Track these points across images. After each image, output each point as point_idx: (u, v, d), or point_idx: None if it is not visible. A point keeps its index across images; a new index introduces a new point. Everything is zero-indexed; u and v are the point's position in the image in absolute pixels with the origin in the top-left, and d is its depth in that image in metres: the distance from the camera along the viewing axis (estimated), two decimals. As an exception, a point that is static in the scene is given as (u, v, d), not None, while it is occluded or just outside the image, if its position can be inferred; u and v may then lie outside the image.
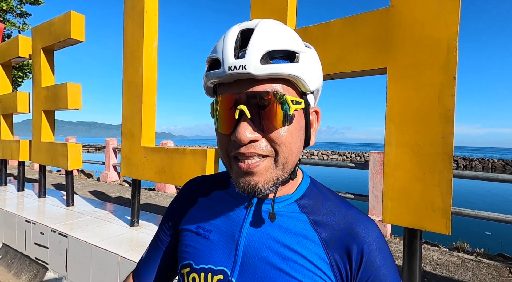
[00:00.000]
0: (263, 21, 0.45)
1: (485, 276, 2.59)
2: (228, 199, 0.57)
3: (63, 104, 3.32)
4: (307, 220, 0.50)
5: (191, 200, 0.62)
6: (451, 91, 1.31)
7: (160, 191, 6.49)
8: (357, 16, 1.58)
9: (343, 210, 0.51)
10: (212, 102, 0.48)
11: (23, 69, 11.43)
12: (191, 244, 0.55)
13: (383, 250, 0.48)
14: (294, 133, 0.46)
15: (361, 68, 1.56)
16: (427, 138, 1.36)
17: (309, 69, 0.46)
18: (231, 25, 0.48)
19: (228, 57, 0.43)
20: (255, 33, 0.43)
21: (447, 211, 1.31)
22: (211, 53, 0.47)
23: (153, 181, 2.62)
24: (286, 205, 0.52)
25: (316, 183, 0.58)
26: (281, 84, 0.44)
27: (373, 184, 3.87)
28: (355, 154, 38.26)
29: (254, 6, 1.99)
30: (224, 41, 0.45)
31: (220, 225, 0.54)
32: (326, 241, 0.48)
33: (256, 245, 0.49)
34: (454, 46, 1.31)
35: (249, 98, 0.43)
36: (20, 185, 4.20)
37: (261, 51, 0.42)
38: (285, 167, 0.46)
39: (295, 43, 0.45)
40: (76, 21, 3.21)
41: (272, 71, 0.42)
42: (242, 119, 0.43)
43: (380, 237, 0.49)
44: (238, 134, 0.43)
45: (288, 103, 0.44)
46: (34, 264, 2.74)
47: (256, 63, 0.41)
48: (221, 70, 0.43)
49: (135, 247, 2.19)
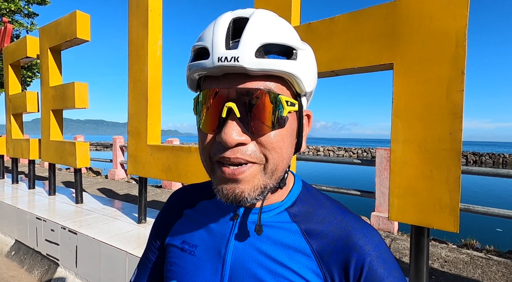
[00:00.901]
0: (258, 11, 0.40)
1: (495, 273, 2.55)
2: (214, 210, 0.53)
3: (70, 103, 3.36)
4: (298, 231, 0.46)
5: (177, 212, 0.57)
6: (459, 86, 1.28)
7: (166, 188, 6.56)
8: (362, 11, 1.55)
9: (338, 217, 0.47)
10: (196, 97, 0.43)
11: (32, 69, 11.62)
12: (176, 261, 0.51)
13: (386, 260, 0.43)
14: (286, 137, 0.42)
15: (366, 64, 1.53)
16: (434, 135, 1.34)
17: (307, 68, 0.42)
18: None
19: (218, 46, 0.38)
20: (250, 22, 0.38)
21: (455, 208, 1.28)
22: (197, 41, 0.42)
23: (159, 179, 2.65)
24: (275, 214, 0.47)
25: (309, 187, 0.53)
26: (275, 82, 0.40)
27: (379, 181, 3.83)
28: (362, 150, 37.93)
29: (258, 2, 1.97)
30: (215, 28, 0.39)
31: (206, 239, 0.50)
32: (320, 253, 0.43)
33: (244, 261, 0.45)
34: (463, 40, 1.27)
35: (239, 95, 0.38)
36: (31, 183, 4.30)
37: (257, 43, 0.37)
38: (274, 175, 0.42)
39: (293, 38, 0.40)
40: (81, 21, 3.24)
41: (268, 67, 0.37)
42: (229, 118, 0.38)
43: (381, 245, 0.44)
44: (225, 135, 0.38)
45: (283, 104, 0.39)
46: (45, 260, 2.81)
47: (250, 56, 0.36)
48: (209, 61, 0.38)
49: (143, 244, 2.23)
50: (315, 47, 1.70)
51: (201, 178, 2.27)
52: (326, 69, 1.66)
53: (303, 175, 0.60)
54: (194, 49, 0.42)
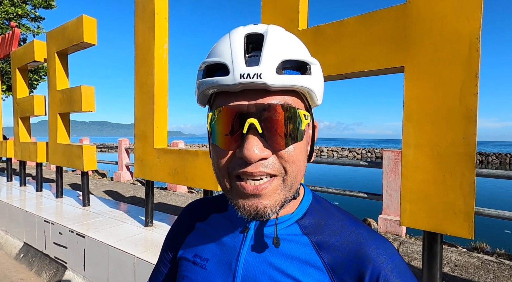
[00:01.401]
0: (272, 27, 0.41)
1: (507, 278, 2.50)
2: (224, 223, 0.53)
3: (77, 107, 3.39)
4: (309, 243, 0.45)
5: (189, 226, 0.58)
6: (473, 90, 1.26)
7: (172, 191, 6.58)
8: (372, 13, 1.54)
9: (350, 228, 0.46)
10: (212, 113, 0.42)
11: (38, 72, 11.76)
12: (188, 275, 0.51)
13: (402, 272, 0.41)
14: (303, 149, 0.43)
15: (376, 67, 1.51)
16: (447, 139, 1.31)
17: (319, 81, 0.43)
18: (240, 22, 0.42)
19: (238, 63, 0.38)
20: (268, 39, 0.39)
21: (470, 214, 1.26)
22: (211, 57, 0.41)
23: (166, 182, 2.65)
24: (285, 227, 0.47)
25: (319, 199, 0.52)
26: (292, 96, 0.41)
27: (386, 183, 3.79)
28: (366, 150, 37.67)
29: (265, 4, 1.96)
30: (232, 44, 0.39)
31: (217, 252, 0.50)
32: (332, 266, 0.43)
33: (255, 275, 0.45)
34: (477, 42, 1.25)
35: (260, 110, 0.38)
36: (38, 186, 4.34)
37: (278, 60, 0.38)
38: (292, 187, 0.42)
39: (306, 54, 0.43)
40: (88, 25, 3.27)
41: (288, 83, 0.38)
42: (250, 133, 0.38)
43: (395, 256, 0.43)
44: (248, 151, 0.37)
45: (301, 118, 0.40)
46: (53, 263, 2.82)
47: (272, 73, 0.37)
48: (229, 78, 0.38)
49: (150, 248, 2.23)
50: (323, 49, 1.69)
51: (208, 182, 2.27)
52: (335, 72, 1.65)
53: (308, 177, 0.59)
54: (207, 65, 0.41)
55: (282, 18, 1.88)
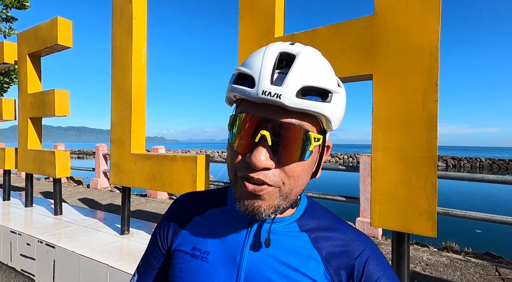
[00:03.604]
0: (305, 50, 0.44)
1: (472, 275, 2.64)
2: (226, 218, 0.55)
3: (50, 111, 3.25)
4: (308, 239, 0.51)
5: (185, 218, 0.59)
6: (434, 97, 1.35)
7: (152, 197, 6.41)
8: (343, 23, 1.61)
9: (340, 227, 0.53)
10: (233, 116, 0.47)
11: (9, 75, 11.17)
12: (185, 267, 0.53)
13: (382, 261, 0.50)
14: (306, 168, 0.46)
15: (347, 74, 1.58)
16: (412, 143, 1.39)
17: (338, 110, 0.46)
18: (220, 29, 0.44)
19: (264, 80, 0.41)
20: (296, 63, 0.42)
21: (433, 214, 1.33)
22: (244, 66, 0.46)
23: (143, 188, 2.59)
24: (287, 224, 0.53)
25: (313, 202, 0.59)
26: (307, 119, 0.44)
27: (363, 187, 3.91)
28: (348, 156, 38.63)
29: (242, 12, 2.00)
30: (263, 60, 0.43)
31: (219, 246, 0.52)
32: (327, 258, 0.49)
33: (259, 267, 0.49)
34: (436, 53, 1.34)
35: (274, 126, 0.42)
36: (6, 194, 4.08)
37: (299, 85, 0.41)
38: (287, 198, 0.46)
39: (330, 82, 0.45)
40: (63, 27, 3.17)
41: (305, 107, 0.42)
42: (261, 143, 0.43)
43: (376, 249, 0.52)
44: (255, 159, 0.42)
45: (310, 140, 0.43)
46: (20, 276, 2.65)
47: (291, 96, 0.41)
48: (254, 91, 0.42)
49: (125, 256, 2.16)
50: (298, 57, 1.75)
51: (186, 187, 2.24)
52: (309, 79, 1.70)
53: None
54: (240, 73, 0.46)
55: (259, 25, 1.93)
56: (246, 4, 1.98)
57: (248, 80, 0.44)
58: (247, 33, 1.97)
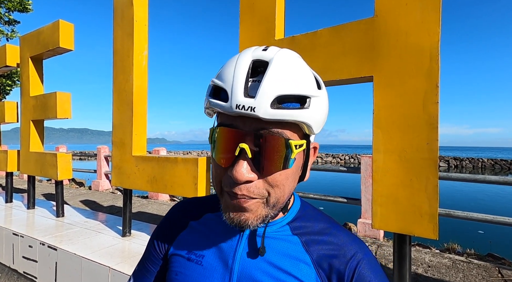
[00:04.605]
0: (279, 56, 0.43)
1: (475, 277, 2.62)
2: (219, 222, 0.56)
3: (52, 114, 3.27)
4: (299, 242, 0.51)
5: (181, 223, 0.60)
6: (434, 99, 1.35)
7: (153, 199, 6.42)
8: (343, 25, 1.62)
9: (333, 230, 0.53)
10: (212, 130, 0.46)
11: (12, 77, 11.23)
12: (182, 271, 0.53)
13: (373, 266, 0.49)
14: (290, 175, 0.46)
15: (348, 76, 1.59)
16: (413, 145, 1.39)
17: (318, 114, 0.45)
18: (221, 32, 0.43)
19: (237, 93, 0.40)
20: (269, 72, 0.41)
21: (435, 216, 1.33)
22: (217, 79, 0.45)
23: (145, 190, 2.59)
24: (278, 228, 0.52)
25: (307, 205, 0.58)
26: (287, 127, 0.43)
27: (365, 188, 3.90)
28: (349, 156, 38.55)
29: (243, 15, 2.01)
30: (236, 71, 0.42)
31: (213, 250, 0.53)
32: (318, 262, 0.49)
33: (251, 270, 0.49)
34: (436, 54, 1.35)
35: (253, 137, 0.42)
36: (8, 197, 4.10)
37: (273, 95, 0.40)
38: (275, 206, 0.46)
39: (308, 86, 0.43)
40: (65, 30, 3.19)
41: (281, 117, 0.40)
42: (241, 157, 0.42)
43: (369, 254, 0.51)
44: (236, 173, 0.41)
45: (292, 148, 0.42)
46: (22, 279, 2.66)
47: (266, 108, 0.39)
48: (227, 105, 0.41)
49: (127, 259, 2.16)
50: (299, 59, 1.75)
51: (187, 189, 2.25)
52: (309, 81, 1.70)
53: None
54: (214, 85, 0.45)
55: (260, 27, 1.94)
56: (247, 6, 1.99)
57: (223, 92, 0.43)
58: (248, 35, 1.98)
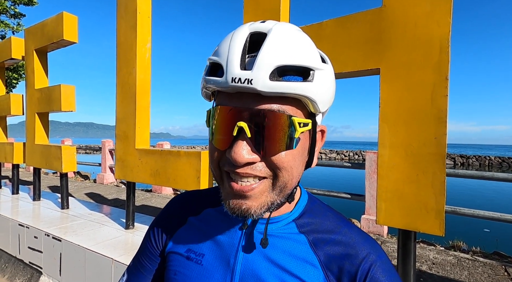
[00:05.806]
0: (278, 26, 0.39)
1: (480, 275, 2.59)
2: (220, 219, 0.52)
3: (56, 106, 3.28)
4: (306, 242, 0.47)
5: (179, 219, 0.56)
6: (443, 92, 1.30)
7: (157, 193, 6.47)
8: (349, 16, 1.57)
9: (343, 229, 0.48)
10: (209, 111, 0.43)
11: (18, 70, 11.34)
12: (180, 270, 0.50)
13: (387, 269, 0.44)
14: (297, 156, 0.42)
15: (354, 69, 1.55)
16: (420, 139, 1.35)
17: (323, 89, 0.40)
18: (225, 24, 0.41)
19: (233, 66, 0.37)
20: (267, 41, 0.37)
21: (441, 212, 1.30)
22: (213, 54, 0.41)
23: (148, 183, 2.60)
24: (284, 225, 0.48)
25: (315, 200, 0.54)
26: (289, 102, 0.39)
27: (369, 184, 3.87)
28: (353, 153, 38.38)
29: (247, 6, 1.97)
30: (231, 45, 0.38)
31: (213, 248, 0.50)
32: (327, 264, 0.45)
33: (254, 271, 0.45)
34: (447, 46, 1.30)
35: (252, 115, 0.38)
36: (14, 188, 4.16)
37: (272, 66, 0.36)
38: (282, 191, 0.42)
39: (311, 58, 0.39)
40: (69, 22, 3.18)
41: (282, 90, 0.37)
42: (240, 137, 0.38)
43: (383, 255, 0.46)
44: (235, 154, 0.38)
45: (295, 126, 0.39)
46: (28, 268, 2.71)
47: (264, 79, 0.36)
48: (223, 80, 0.38)
49: (129, 251, 2.17)
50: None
51: (190, 183, 2.24)
52: (314, 73, 1.67)
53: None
54: (210, 62, 0.42)
55: (264, 19, 1.89)
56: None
57: (220, 69, 0.39)
58: (252, 27, 1.94)
